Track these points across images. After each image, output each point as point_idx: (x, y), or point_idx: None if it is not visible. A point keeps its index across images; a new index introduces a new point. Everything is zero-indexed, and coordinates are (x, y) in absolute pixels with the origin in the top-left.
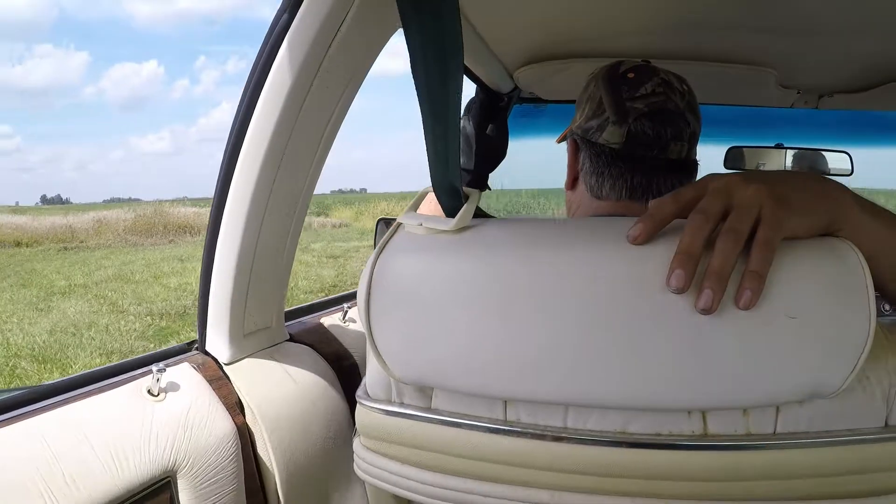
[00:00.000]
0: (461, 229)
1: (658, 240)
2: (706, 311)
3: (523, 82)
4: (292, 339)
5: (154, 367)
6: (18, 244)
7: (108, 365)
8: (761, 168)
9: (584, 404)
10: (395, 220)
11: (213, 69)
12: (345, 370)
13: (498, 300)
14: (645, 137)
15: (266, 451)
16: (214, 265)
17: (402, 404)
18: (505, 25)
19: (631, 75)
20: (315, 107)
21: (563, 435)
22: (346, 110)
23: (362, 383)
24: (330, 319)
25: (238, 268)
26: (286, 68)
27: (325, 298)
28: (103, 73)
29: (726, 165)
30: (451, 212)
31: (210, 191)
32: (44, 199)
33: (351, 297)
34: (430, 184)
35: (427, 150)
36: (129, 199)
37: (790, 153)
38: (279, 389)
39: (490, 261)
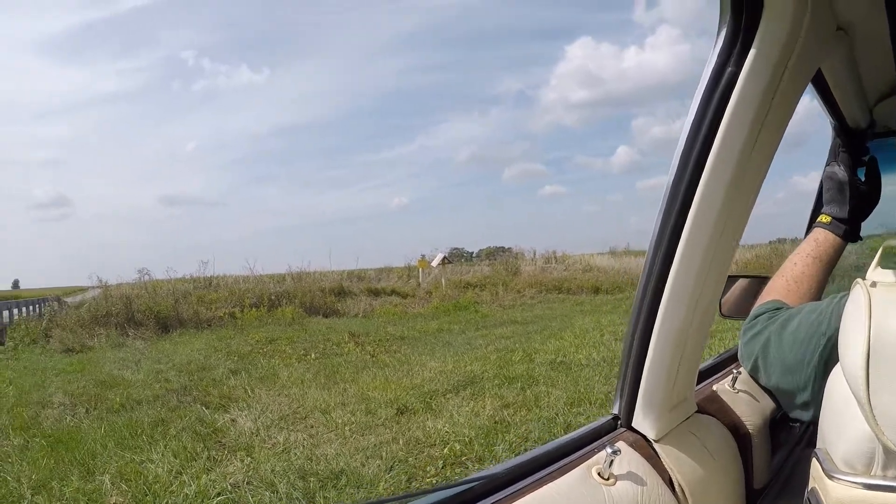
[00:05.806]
0: None
1: None
2: None
3: (884, 116)
4: (698, 409)
5: (607, 449)
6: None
7: (544, 447)
8: None
9: None
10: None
11: None
12: (740, 441)
13: None
14: None
15: None
16: (653, 336)
17: (885, 476)
18: (877, 51)
19: None
20: (757, 161)
21: None
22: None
23: (822, 454)
24: (720, 385)
25: (678, 338)
26: (735, 123)
27: (712, 361)
28: None
29: None
30: None
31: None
32: None
33: (734, 359)
34: None
35: None
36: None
37: None
38: (702, 466)
39: None
